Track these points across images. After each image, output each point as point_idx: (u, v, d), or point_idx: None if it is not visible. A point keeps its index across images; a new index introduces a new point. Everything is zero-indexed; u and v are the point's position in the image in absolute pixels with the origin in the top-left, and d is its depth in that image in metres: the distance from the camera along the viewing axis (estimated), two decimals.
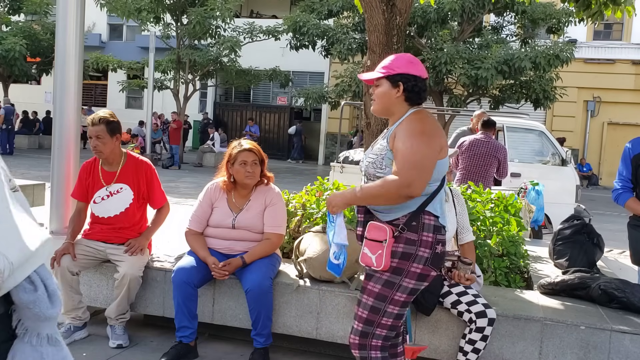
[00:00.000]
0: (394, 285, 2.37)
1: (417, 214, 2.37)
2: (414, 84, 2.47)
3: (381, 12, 4.34)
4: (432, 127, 2.45)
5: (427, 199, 2.39)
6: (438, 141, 2.42)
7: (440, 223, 2.41)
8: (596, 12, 5.11)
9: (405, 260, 2.36)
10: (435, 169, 2.39)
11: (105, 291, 3.73)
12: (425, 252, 2.35)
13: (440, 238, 2.40)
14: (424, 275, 2.39)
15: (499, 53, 14.65)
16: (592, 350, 3.05)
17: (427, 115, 2.48)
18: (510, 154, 8.03)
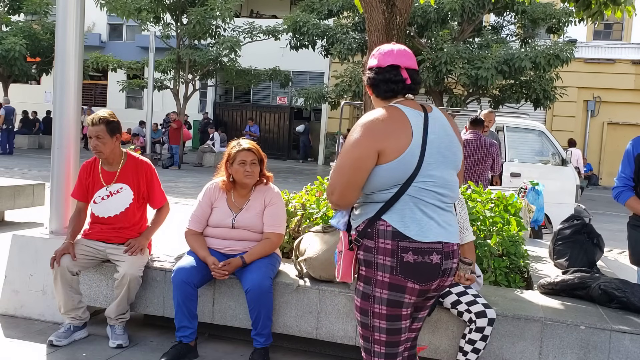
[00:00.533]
0: (369, 297, 2.17)
1: (372, 221, 2.15)
2: (371, 76, 2.26)
3: (381, 12, 4.34)
4: (372, 127, 2.12)
5: (382, 206, 2.14)
6: (373, 144, 2.10)
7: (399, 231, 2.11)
8: (596, 12, 5.11)
9: (370, 269, 2.16)
10: (380, 173, 2.11)
11: (105, 291, 3.73)
12: (387, 260, 2.11)
13: (408, 245, 2.10)
14: (398, 286, 2.12)
15: (499, 53, 14.66)
16: (592, 350, 3.05)
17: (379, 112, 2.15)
18: (510, 154, 8.04)
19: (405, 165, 2.11)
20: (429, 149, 2.15)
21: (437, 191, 2.17)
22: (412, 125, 2.13)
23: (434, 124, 2.20)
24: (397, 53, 2.26)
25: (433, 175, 2.15)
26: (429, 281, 2.14)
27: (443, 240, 2.15)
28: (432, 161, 2.15)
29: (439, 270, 2.15)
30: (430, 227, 2.13)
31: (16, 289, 3.98)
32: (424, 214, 2.14)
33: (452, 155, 2.22)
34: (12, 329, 3.75)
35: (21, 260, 3.98)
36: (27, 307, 3.94)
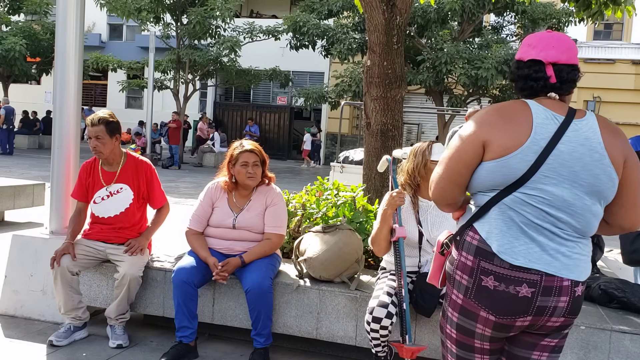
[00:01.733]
0: (445, 314, 1.96)
1: (463, 228, 1.90)
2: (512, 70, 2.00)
3: (381, 12, 4.34)
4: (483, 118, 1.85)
5: (478, 210, 1.87)
6: (479, 135, 1.82)
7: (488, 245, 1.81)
8: (596, 12, 5.11)
9: (449, 283, 1.94)
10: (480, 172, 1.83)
11: (105, 291, 3.73)
12: (464, 278, 1.85)
13: (490, 268, 1.79)
14: (470, 312, 1.84)
15: (499, 53, 14.66)
16: (592, 350, 3.04)
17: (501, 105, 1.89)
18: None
19: (508, 169, 1.78)
20: (554, 159, 1.77)
21: (548, 211, 1.79)
22: (534, 126, 1.79)
23: (576, 133, 1.80)
24: (545, 44, 1.88)
25: (546, 191, 1.78)
26: (510, 316, 1.80)
27: (543, 271, 1.78)
28: (552, 175, 1.78)
29: (529, 305, 1.78)
30: (526, 251, 1.78)
31: (16, 289, 3.98)
32: (523, 232, 1.80)
33: (588, 176, 1.80)
34: (12, 329, 3.75)
35: (21, 260, 3.98)
36: (27, 307, 3.94)
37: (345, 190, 4.32)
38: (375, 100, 4.45)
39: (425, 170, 3.15)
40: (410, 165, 3.21)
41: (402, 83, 4.48)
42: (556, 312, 1.82)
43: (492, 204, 1.84)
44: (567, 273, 1.80)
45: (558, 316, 1.83)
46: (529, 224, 1.80)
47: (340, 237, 3.45)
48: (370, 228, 3.73)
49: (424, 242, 3.19)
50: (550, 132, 1.79)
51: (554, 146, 1.78)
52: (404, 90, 4.53)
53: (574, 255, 1.84)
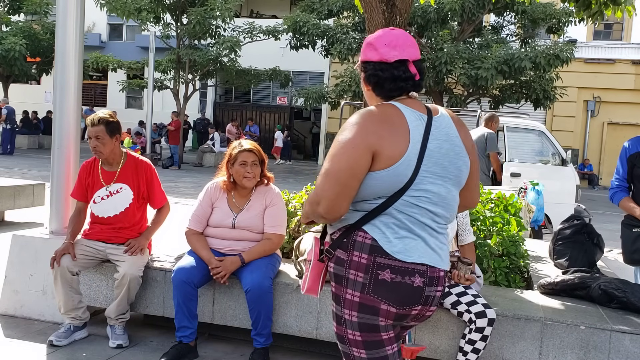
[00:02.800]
0: (341, 320, 1.89)
1: (351, 229, 1.87)
2: (373, 73, 1.92)
3: (381, 12, 4.34)
4: (367, 127, 1.81)
5: (365, 215, 1.86)
6: (366, 146, 1.79)
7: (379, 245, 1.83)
8: (596, 12, 5.11)
9: (339, 285, 1.88)
10: (369, 182, 1.81)
11: (105, 291, 3.73)
12: (359, 275, 1.83)
13: (386, 262, 1.82)
14: (370, 307, 1.83)
15: (499, 53, 14.66)
16: (592, 350, 3.05)
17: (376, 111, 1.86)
18: (511, 154, 8.04)
19: (397, 177, 1.81)
20: (427, 159, 1.85)
21: (430, 209, 1.87)
22: (411, 130, 1.84)
23: (438, 130, 1.89)
24: (402, 43, 1.91)
25: (428, 190, 1.86)
26: (408, 305, 1.85)
27: (429, 263, 1.86)
28: (429, 174, 1.85)
29: (421, 295, 1.86)
30: (416, 247, 1.85)
31: (16, 289, 3.98)
32: (412, 231, 1.85)
33: (454, 170, 1.91)
34: (12, 329, 3.75)
35: (21, 261, 3.98)
36: (27, 307, 3.94)
37: None
38: None
39: None
40: None
41: None
42: (434, 302, 1.92)
43: (381, 210, 1.84)
44: (443, 265, 1.91)
45: (434, 305, 1.93)
46: (415, 222, 1.86)
47: None
48: None
49: None
50: (421, 133, 1.85)
51: (426, 146, 1.85)
52: None
53: (444, 247, 1.93)
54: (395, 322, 1.89)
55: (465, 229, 3.32)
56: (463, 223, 3.31)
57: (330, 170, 1.82)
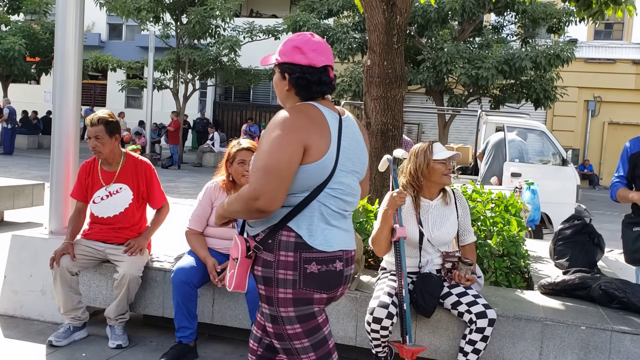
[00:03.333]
0: (277, 319, 2.01)
1: (274, 230, 1.99)
2: (300, 76, 2.05)
3: (381, 11, 4.33)
4: (295, 123, 1.97)
5: (289, 212, 1.99)
6: (299, 141, 1.94)
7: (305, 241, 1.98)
8: (597, 12, 5.10)
9: (269, 287, 2.00)
10: (300, 175, 1.96)
11: (104, 291, 3.72)
12: (288, 274, 1.97)
13: (311, 256, 1.98)
14: (304, 300, 1.99)
15: (500, 53, 14.65)
16: (592, 351, 3.04)
17: (303, 109, 2.02)
18: (511, 153, 8.03)
19: (323, 170, 1.99)
20: (342, 154, 2.04)
21: (344, 199, 2.07)
22: (330, 127, 2.02)
23: (347, 129, 2.10)
24: (325, 50, 2.09)
25: (343, 183, 2.05)
26: (335, 288, 2.05)
27: (344, 248, 2.07)
28: (344, 168, 2.05)
29: (342, 277, 2.06)
30: (333, 236, 2.03)
31: (16, 289, 3.97)
32: (328, 222, 2.03)
33: (360, 164, 2.14)
34: (11, 329, 3.74)
35: (21, 261, 3.97)
36: (27, 307, 3.94)
37: None
38: (375, 100, 4.44)
39: (428, 170, 3.16)
40: (412, 166, 3.22)
41: (402, 83, 4.47)
42: (349, 280, 2.14)
43: (306, 203, 2.00)
44: (353, 246, 2.15)
45: (349, 282, 2.15)
46: (332, 213, 2.05)
47: None
48: (370, 228, 3.72)
49: (424, 242, 3.18)
50: (337, 131, 2.05)
51: (340, 143, 2.05)
52: (404, 90, 4.52)
53: (350, 230, 2.16)
54: (326, 305, 2.10)
55: (466, 230, 3.31)
56: (464, 223, 3.30)
57: (270, 166, 1.92)
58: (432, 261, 3.19)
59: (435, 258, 3.21)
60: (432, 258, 3.20)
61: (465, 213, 3.32)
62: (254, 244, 2.03)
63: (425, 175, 3.18)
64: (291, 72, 2.06)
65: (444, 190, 3.30)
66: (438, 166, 3.16)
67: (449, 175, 3.20)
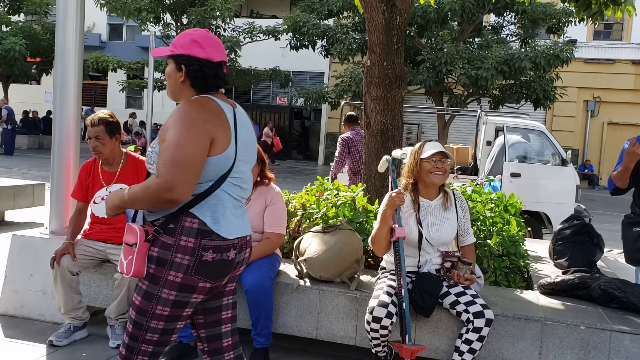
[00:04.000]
0: (153, 297, 2.07)
1: (176, 216, 2.06)
2: (198, 69, 2.13)
3: (381, 12, 4.34)
4: (201, 116, 2.05)
5: (192, 199, 2.06)
6: (207, 133, 2.03)
7: (210, 228, 2.06)
8: (596, 12, 5.11)
9: (161, 267, 2.06)
10: (207, 166, 2.05)
11: (105, 291, 3.73)
12: (185, 259, 2.04)
13: (210, 244, 2.06)
14: (189, 286, 2.06)
15: (499, 53, 14.66)
16: (592, 350, 3.05)
17: (204, 103, 2.11)
18: (510, 153, 8.04)
19: (227, 161, 2.10)
20: (239, 144, 2.16)
21: (242, 186, 2.20)
22: (229, 120, 2.13)
23: (241, 120, 2.21)
24: (220, 46, 2.20)
25: (241, 171, 2.18)
26: (222, 277, 2.14)
27: (241, 235, 2.17)
28: (242, 157, 2.17)
29: (233, 265, 2.15)
30: (234, 223, 2.14)
31: (16, 289, 3.98)
32: (230, 210, 2.14)
33: (252, 153, 2.27)
34: (12, 329, 3.75)
35: (21, 261, 3.98)
36: (27, 307, 3.94)
37: (345, 190, 4.32)
38: (375, 100, 4.45)
39: (418, 170, 3.18)
40: (407, 167, 3.25)
41: (402, 83, 4.48)
42: (244, 262, 2.23)
43: (211, 192, 2.08)
44: (249, 230, 2.25)
45: (244, 265, 2.25)
46: (233, 201, 2.15)
47: (340, 237, 3.46)
48: (370, 228, 3.73)
49: (423, 242, 3.19)
50: (233, 122, 2.15)
51: (236, 134, 2.15)
52: (404, 90, 4.53)
53: (245, 216, 2.26)
54: (206, 297, 2.16)
55: (466, 230, 3.32)
56: (464, 224, 3.31)
57: (181, 158, 1.99)
58: (431, 261, 3.19)
59: (434, 258, 3.22)
60: (431, 258, 3.21)
61: (465, 214, 3.33)
62: (152, 229, 2.08)
63: (417, 175, 3.21)
64: (188, 64, 2.13)
65: (445, 192, 3.31)
66: (425, 164, 3.17)
67: (438, 174, 3.18)
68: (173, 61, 2.16)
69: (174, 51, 2.15)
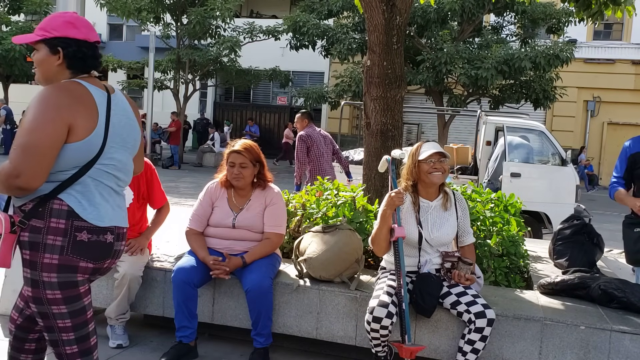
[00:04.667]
0: (38, 284, 2.06)
1: (45, 200, 2.04)
2: (77, 50, 2.11)
3: (381, 12, 4.34)
4: (58, 102, 2.00)
5: (58, 185, 2.05)
6: (62, 119, 1.98)
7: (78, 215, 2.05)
8: (596, 12, 5.10)
9: (35, 251, 2.06)
10: (66, 153, 2.01)
11: (105, 291, 3.73)
12: (57, 240, 2.03)
13: (83, 225, 2.05)
14: (69, 267, 2.05)
15: (499, 53, 14.66)
16: (592, 350, 3.05)
17: (66, 87, 2.05)
18: (514, 155, 8.04)
19: (91, 147, 2.06)
20: (112, 131, 2.12)
21: (116, 174, 2.18)
22: (98, 105, 2.09)
23: (117, 106, 2.18)
24: (92, 27, 2.19)
25: (114, 159, 2.15)
26: (103, 259, 2.14)
27: (116, 225, 2.17)
28: (114, 144, 2.14)
29: (111, 249, 2.16)
30: (106, 211, 2.13)
31: (16, 289, 3.96)
32: (102, 197, 2.13)
33: (132, 140, 2.24)
34: None
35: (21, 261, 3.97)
36: None
37: (345, 190, 4.32)
38: (375, 100, 4.45)
39: (417, 171, 3.19)
40: (406, 168, 3.26)
41: (402, 83, 4.48)
42: (119, 254, 2.25)
43: (76, 179, 2.07)
44: (125, 223, 2.25)
45: (119, 257, 2.25)
46: (104, 187, 2.14)
47: (340, 237, 3.46)
48: (370, 228, 3.73)
49: (423, 243, 3.19)
50: (105, 108, 2.12)
51: (109, 120, 2.12)
52: (404, 90, 4.53)
53: (123, 206, 2.26)
54: (91, 277, 2.17)
55: (466, 231, 3.32)
56: (463, 225, 3.31)
57: (31, 144, 1.96)
58: (431, 261, 3.20)
59: (434, 258, 3.22)
60: (430, 258, 3.21)
61: (465, 214, 3.33)
62: (18, 219, 2.06)
63: (416, 177, 3.21)
64: (66, 45, 2.10)
65: (445, 192, 3.31)
66: (423, 165, 3.18)
67: (437, 174, 3.18)
68: (45, 46, 2.11)
69: (46, 35, 2.11)
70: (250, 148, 3.51)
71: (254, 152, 3.51)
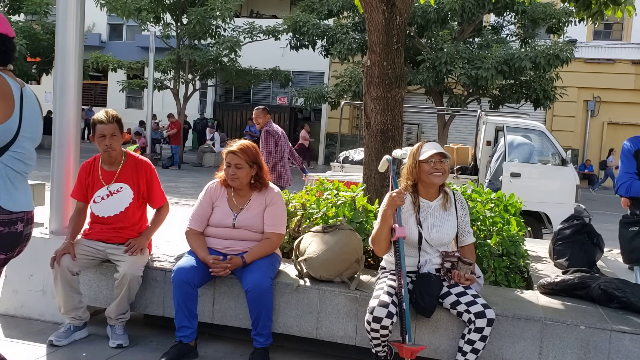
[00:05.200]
0: None
1: None
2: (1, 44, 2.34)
3: (381, 12, 4.34)
4: None
5: None
6: None
7: None
8: (596, 12, 5.10)
9: None
10: None
11: (105, 291, 3.73)
12: None
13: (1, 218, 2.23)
14: None
15: (499, 53, 14.66)
16: (592, 350, 3.05)
17: None
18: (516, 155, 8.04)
19: (6, 134, 2.21)
20: (24, 121, 2.29)
21: (25, 162, 2.34)
22: (14, 96, 2.26)
23: (28, 99, 2.35)
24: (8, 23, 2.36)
25: (24, 147, 2.32)
26: (13, 249, 2.32)
27: (26, 210, 2.33)
28: (25, 134, 2.30)
29: (21, 237, 2.33)
30: (17, 197, 2.29)
31: (16, 289, 3.98)
32: (12, 183, 2.28)
33: (37, 131, 2.42)
34: (12, 329, 3.75)
35: (21, 260, 3.95)
36: (27, 307, 3.94)
37: (345, 190, 4.32)
38: (375, 100, 4.45)
39: (417, 171, 3.19)
40: (406, 168, 3.26)
41: (402, 83, 4.48)
42: (29, 237, 2.41)
43: None
44: (32, 207, 2.40)
45: (29, 240, 2.42)
46: (16, 175, 2.30)
47: (340, 237, 3.46)
48: (370, 228, 3.73)
49: (423, 242, 3.19)
50: (19, 99, 2.30)
51: (22, 111, 2.29)
52: (404, 90, 4.53)
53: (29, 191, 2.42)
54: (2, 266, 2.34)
55: (465, 231, 3.32)
56: (463, 225, 3.31)
57: None
58: (431, 261, 3.20)
59: (434, 258, 3.22)
60: (430, 258, 3.21)
61: (465, 215, 3.33)
62: None
63: (417, 176, 3.21)
64: None
65: (445, 192, 3.31)
66: (424, 165, 3.18)
67: (438, 175, 3.18)
68: None
69: None
70: (246, 149, 3.50)
71: (250, 154, 3.50)
